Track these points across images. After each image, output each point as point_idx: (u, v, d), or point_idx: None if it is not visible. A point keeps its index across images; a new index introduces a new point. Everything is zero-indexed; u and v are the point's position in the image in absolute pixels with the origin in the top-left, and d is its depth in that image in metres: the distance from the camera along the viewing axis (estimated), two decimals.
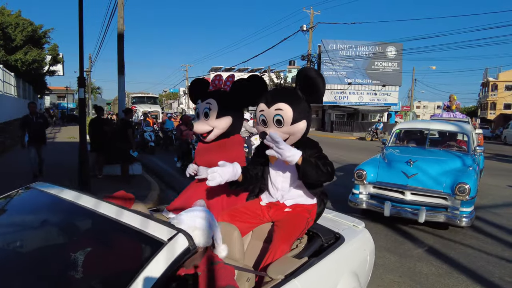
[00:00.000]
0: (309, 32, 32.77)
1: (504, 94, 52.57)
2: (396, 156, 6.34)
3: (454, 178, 5.35)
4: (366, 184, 5.93)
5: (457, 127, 7.23)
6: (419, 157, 5.95)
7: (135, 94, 29.15)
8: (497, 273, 4.24)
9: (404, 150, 6.81)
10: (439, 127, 7.41)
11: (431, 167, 5.66)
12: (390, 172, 5.83)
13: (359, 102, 36.78)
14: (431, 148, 6.85)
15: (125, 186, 7.92)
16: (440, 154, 6.41)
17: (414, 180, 5.54)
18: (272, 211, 2.61)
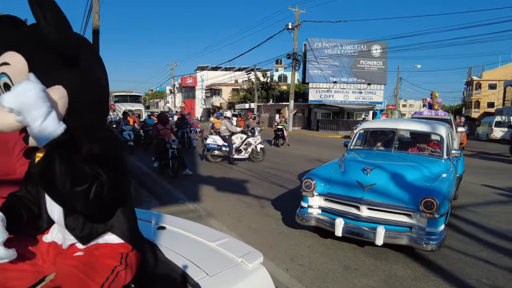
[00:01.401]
0: (294, 30, 32.66)
1: (488, 93, 53.30)
2: (354, 162, 5.34)
3: (420, 190, 4.36)
4: (316, 196, 4.92)
5: (429, 126, 6.25)
6: (379, 164, 5.01)
7: (118, 93, 28.60)
8: (474, 274, 4.09)
9: (366, 154, 5.91)
10: (408, 127, 6.57)
11: (393, 176, 4.69)
12: (344, 182, 4.84)
13: (344, 101, 36.85)
14: (398, 152, 5.98)
15: None
16: (407, 159, 5.46)
17: (371, 192, 4.53)
18: (53, 255, 1.44)
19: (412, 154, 5.86)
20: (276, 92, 46.52)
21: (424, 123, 6.55)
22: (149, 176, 9.58)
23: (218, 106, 54.24)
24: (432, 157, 5.74)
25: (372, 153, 6.00)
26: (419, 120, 7.31)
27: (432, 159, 5.59)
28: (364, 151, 6.26)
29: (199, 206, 6.71)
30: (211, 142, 11.82)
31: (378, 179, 4.60)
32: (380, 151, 6.14)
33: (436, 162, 5.46)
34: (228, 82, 54.77)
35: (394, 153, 5.85)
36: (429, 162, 5.42)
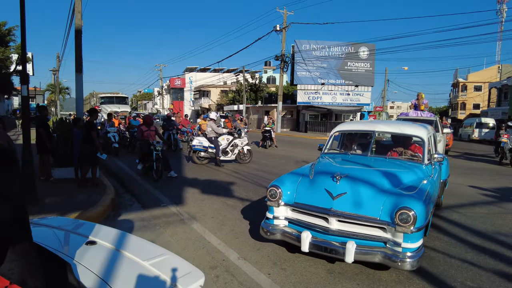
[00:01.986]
0: (282, 32, 32.66)
1: (473, 95, 54.07)
2: (324, 168, 4.82)
3: (395, 200, 3.87)
4: (282, 206, 4.42)
5: (409, 128, 5.78)
6: (351, 170, 4.55)
7: (104, 94, 28.23)
8: (459, 277, 4.03)
9: (340, 159, 5.42)
10: (385, 129, 6.02)
11: (366, 184, 4.16)
12: (312, 190, 4.33)
13: (332, 103, 36.95)
14: (375, 156, 5.48)
15: (77, 190, 7.42)
16: (384, 165, 4.96)
17: (341, 202, 4.03)
18: None
19: (390, 158, 5.33)
20: (264, 94, 46.49)
21: (405, 124, 6.10)
22: (133, 179, 9.38)
23: (207, 108, 54.00)
24: (412, 162, 5.28)
25: (346, 158, 5.46)
26: (400, 122, 6.90)
27: (411, 165, 5.13)
28: (338, 155, 5.72)
29: (182, 209, 6.56)
30: (197, 143, 11.66)
31: (348, 187, 4.11)
32: (356, 155, 5.64)
33: (416, 167, 4.99)
34: (217, 84, 54.55)
35: (370, 158, 5.32)
36: (407, 167, 4.94)
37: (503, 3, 53.17)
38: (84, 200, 6.55)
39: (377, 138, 6.21)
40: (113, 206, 6.66)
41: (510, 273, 4.19)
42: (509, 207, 7.24)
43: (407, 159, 5.43)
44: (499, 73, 47.68)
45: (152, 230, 5.41)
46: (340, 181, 4.13)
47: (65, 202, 6.46)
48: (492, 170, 12.83)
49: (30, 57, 36.29)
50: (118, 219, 5.98)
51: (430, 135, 5.75)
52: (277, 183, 4.52)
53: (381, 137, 6.60)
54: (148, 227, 5.58)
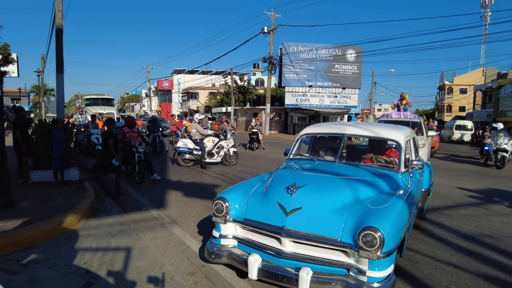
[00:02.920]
0: (270, 34, 32.64)
1: (459, 97, 54.89)
2: (283, 177, 4.19)
3: (360, 218, 3.25)
4: (230, 223, 3.75)
5: (384, 131, 5.16)
6: (311, 179, 3.99)
7: (89, 96, 27.82)
8: (444, 281, 3.95)
9: (303, 166, 4.85)
10: (356, 131, 5.27)
11: (326, 197, 3.55)
12: (264, 204, 3.68)
13: (320, 105, 37.06)
14: (345, 163, 4.82)
15: (56, 193, 7.18)
16: (352, 173, 4.35)
17: (296, 218, 3.38)
18: None
19: (361, 166, 4.71)
20: (253, 96, 46.42)
21: (380, 127, 5.46)
22: (114, 182, 9.14)
23: (195, 110, 53.73)
24: (387, 169, 4.63)
25: (311, 165, 4.87)
26: (376, 124, 6.33)
27: (385, 173, 4.48)
28: (303, 161, 5.08)
29: (163, 213, 6.38)
30: (182, 145, 11.48)
31: (305, 200, 3.47)
32: (322, 161, 4.97)
33: (390, 176, 4.38)
34: (205, 86, 54.34)
35: (338, 165, 4.66)
36: (380, 176, 4.33)
37: (486, 8, 54.08)
38: (62, 204, 6.32)
39: (349, 142, 5.69)
40: (92, 210, 6.45)
41: (495, 275, 4.13)
42: (494, 209, 7.23)
43: (382, 166, 4.78)
44: (484, 76, 48.44)
45: (131, 235, 5.22)
46: (296, 193, 3.50)
47: (42, 205, 6.23)
48: (477, 171, 12.90)
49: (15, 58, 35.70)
50: (96, 224, 5.78)
51: (408, 138, 5.12)
52: (224, 195, 3.87)
53: (355, 141, 6.08)
54: (127, 231, 5.39)
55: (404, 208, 3.76)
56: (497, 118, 31.44)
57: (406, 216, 3.75)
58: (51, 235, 5.13)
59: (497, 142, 13.35)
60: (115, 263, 4.24)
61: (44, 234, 5.05)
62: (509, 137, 13.65)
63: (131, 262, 4.26)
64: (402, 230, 3.48)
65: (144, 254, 4.48)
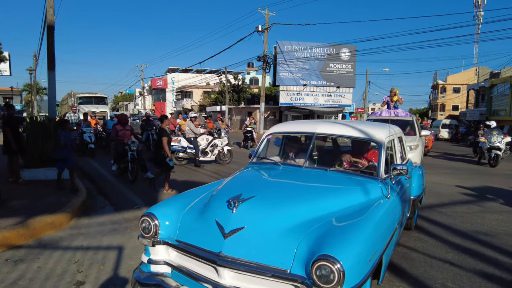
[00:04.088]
0: (264, 33, 32.56)
1: (452, 96, 55.18)
2: (231, 186, 3.41)
3: (317, 241, 2.46)
4: (161, 245, 2.95)
5: (361, 130, 4.25)
6: (262, 190, 3.21)
7: (82, 94, 27.59)
8: (440, 278, 3.92)
9: (264, 172, 4.06)
10: (329, 130, 4.42)
11: (275, 213, 2.76)
12: (201, 222, 2.90)
13: (314, 104, 37.08)
14: (314, 168, 4.04)
15: (47, 192, 7.07)
16: (318, 181, 3.66)
17: (235, 242, 2.60)
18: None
19: (332, 171, 3.86)
20: (247, 95, 46.34)
21: (358, 124, 4.59)
22: (107, 180, 9.06)
23: (190, 109, 53.53)
24: (363, 176, 3.84)
25: (273, 170, 4.10)
26: (354, 122, 5.49)
27: (360, 181, 3.70)
28: (266, 166, 4.28)
29: None
30: (175, 144, 11.39)
31: (249, 218, 2.69)
32: (288, 166, 4.21)
33: (365, 184, 3.58)
34: (199, 85, 54.13)
35: (304, 170, 3.94)
36: (353, 185, 3.59)
37: (479, 7, 54.41)
38: (53, 202, 6.21)
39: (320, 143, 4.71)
40: (84, 209, 6.36)
41: (490, 272, 4.11)
42: (488, 206, 7.24)
43: (359, 171, 4.03)
44: (477, 75, 48.74)
45: (123, 234, 5.14)
46: (239, 209, 2.71)
47: (32, 204, 6.12)
48: (471, 169, 12.95)
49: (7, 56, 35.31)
50: (87, 222, 5.69)
51: (392, 138, 4.38)
52: (154, 211, 3.07)
53: (321, 142, 4.97)
54: (119, 230, 5.31)
55: (381, 224, 3.04)
56: (490, 117, 31.62)
57: (383, 234, 3.02)
58: (42, 233, 5.04)
59: (491, 140, 13.42)
60: (106, 262, 4.17)
61: (34, 232, 4.96)
62: (502, 135, 13.74)
63: (122, 261, 4.18)
64: (376, 254, 2.65)
65: (136, 253, 4.40)
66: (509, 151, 15.32)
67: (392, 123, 10.08)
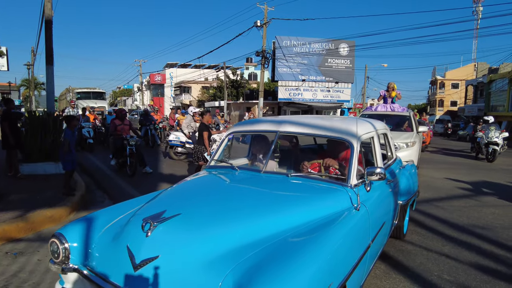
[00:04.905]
0: (263, 28, 32.46)
1: (451, 92, 55.19)
2: (160, 200, 2.87)
3: (246, 277, 1.91)
4: (72, 273, 2.44)
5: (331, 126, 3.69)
6: (192, 204, 2.66)
7: (80, 89, 27.54)
8: (436, 270, 3.96)
9: (216, 179, 3.52)
10: (292, 128, 3.69)
11: (199, 237, 2.22)
12: (113, 247, 2.37)
13: (313, 99, 37.04)
14: (274, 173, 3.54)
15: (46, 186, 7.09)
16: (274, 189, 3.11)
17: (145, 277, 2.09)
18: None
19: (295, 177, 3.27)
20: (246, 90, 46.29)
21: (332, 121, 4.01)
22: (106, 175, 9.07)
23: (188, 104, 53.47)
24: (330, 182, 3.21)
25: (225, 177, 3.50)
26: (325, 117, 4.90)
27: (324, 189, 3.10)
28: (222, 171, 3.67)
29: None
30: (174, 138, 11.41)
31: (166, 245, 2.14)
32: (246, 171, 3.62)
33: (329, 194, 3.00)
34: (198, 80, 54.02)
35: (262, 176, 3.34)
36: (315, 193, 3.02)
37: (478, 3, 54.33)
38: (51, 197, 6.24)
39: (284, 143, 4.30)
40: (83, 203, 6.39)
41: (486, 265, 4.15)
42: (484, 200, 7.29)
43: (326, 176, 3.39)
44: (475, 70, 48.77)
45: None
46: (154, 232, 2.15)
47: (31, 198, 6.14)
48: (469, 164, 13.00)
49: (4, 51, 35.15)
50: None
51: (371, 136, 3.77)
52: (65, 231, 2.55)
53: (285, 142, 4.46)
54: None
55: (344, 244, 2.49)
56: (488, 112, 31.65)
57: (346, 257, 2.47)
58: (41, 227, 5.07)
59: (488, 135, 13.46)
60: None
61: (34, 226, 5.00)
62: (500, 131, 13.78)
63: None
64: (332, 285, 2.13)
65: None
66: (506, 146, 15.40)
67: (388, 118, 9.70)
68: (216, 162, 3.88)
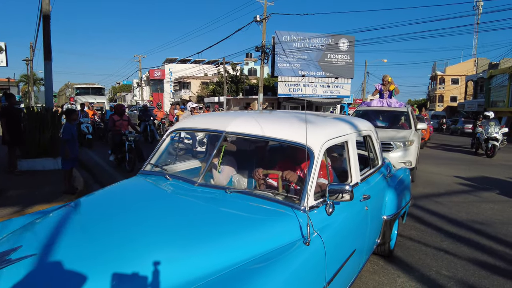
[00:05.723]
0: (263, 22, 32.34)
1: (451, 87, 55.10)
2: (39, 226, 2.30)
3: None
4: None
5: (285, 127, 2.93)
6: (57, 238, 1.97)
7: (79, 85, 27.48)
8: (434, 266, 3.95)
9: (135, 191, 2.89)
10: (242, 128, 2.94)
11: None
12: None
13: (313, 95, 36.98)
14: (211, 186, 2.87)
15: (44, 182, 7.08)
16: (199, 210, 2.42)
17: None
18: None
19: (235, 193, 2.57)
20: (245, 86, 46.21)
21: (292, 118, 3.12)
22: (104, 170, 9.05)
23: (188, 100, 53.40)
24: (279, 203, 2.44)
25: (151, 188, 2.91)
26: (292, 114, 3.47)
27: (267, 212, 2.36)
28: (154, 179, 3.00)
29: None
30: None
31: None
32: (179, 181, 2.84)
33: (271, 222, 2.27)
34: (197, 75, 53.90)
35: (196, 191, 2.64)
36: (249, 223, 2.25)
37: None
38: (50, 192, 6.23)
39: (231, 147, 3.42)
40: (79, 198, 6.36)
41: (484, 260, 4.15)
42: (484, 196, 7.28)
43: (275, 194, 2.56)
44: (476, 66, 48.63)
45: None
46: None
47: (29, 193, 6.14)
48: (468, 160, 12.99)
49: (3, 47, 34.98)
50: None
51: (344, 140, 3.03)
52: None
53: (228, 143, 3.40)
54: None
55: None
56: (488, 108, 31.65)
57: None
58: None
59: (488, 131, 13.44)
60: None
61: None
62: (499, 126, 13.76)
63: None
64: None
65: None
66: (506, 142, 15.38)
67: (384, 114, 9.23)
68: (152, 166, 3.19)
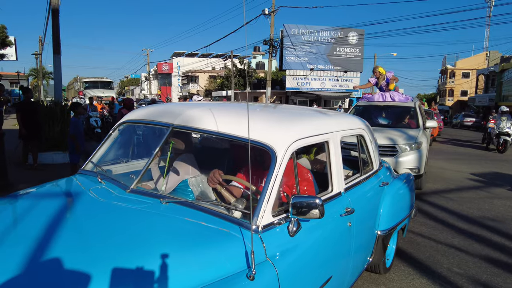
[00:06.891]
0: (271, 16, 32.14)
1: (461, 81, 54.39)
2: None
3: None
4: None
5: (239, 122, 2.22)
6: None
7: (88, 79, 27.62)
8: (445, 263, 3.91)
9: (53, 196, 2.39)
10: (192, 122, 2.41)
11: None
12: None
13: (321, 88, 36.76)
14: (145, 193, 2.26)
15: (56, 176, 7.11)
16: (114, 225, 1.88)
17: None
18: None
19: (172, 204, 2.09)
20: (253, 80, 46.09)
21: (256, 112, 2.64)
22: None
23: (195, 93, 53.44)
24: (225, 221, 1.92)
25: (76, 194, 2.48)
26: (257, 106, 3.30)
27: (204, 235, 1.83)
28: (89, 179, 2.62)
29: None
30: None
31: None
32: (111, 184, 2.43)
33: (203, 250, 1.70)
34: (205, 69, 53.89)
35: (122, 199, 2.20)
36: (175, 248, 1.67)
37: None
38: None
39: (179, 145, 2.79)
40: None
41: (496, 258, 4.09)
42: (496, 192, 7.18)
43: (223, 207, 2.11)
44: (487, 59, 47.91)
45: None
46: None
47: None
48: (479, 155, 12.84)
49: (13, 41, 35.29)
50: None
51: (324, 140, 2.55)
52: None
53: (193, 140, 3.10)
54: None
55: None
56: (500, 102, 31.20)
57: None
58: None
59: (500, 126, 13.25)
60: None
61: None
62: (511, 121, 13.54)
63: None
64: None
65: None
66: None
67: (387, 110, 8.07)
68: (93, 164, 2.75)
